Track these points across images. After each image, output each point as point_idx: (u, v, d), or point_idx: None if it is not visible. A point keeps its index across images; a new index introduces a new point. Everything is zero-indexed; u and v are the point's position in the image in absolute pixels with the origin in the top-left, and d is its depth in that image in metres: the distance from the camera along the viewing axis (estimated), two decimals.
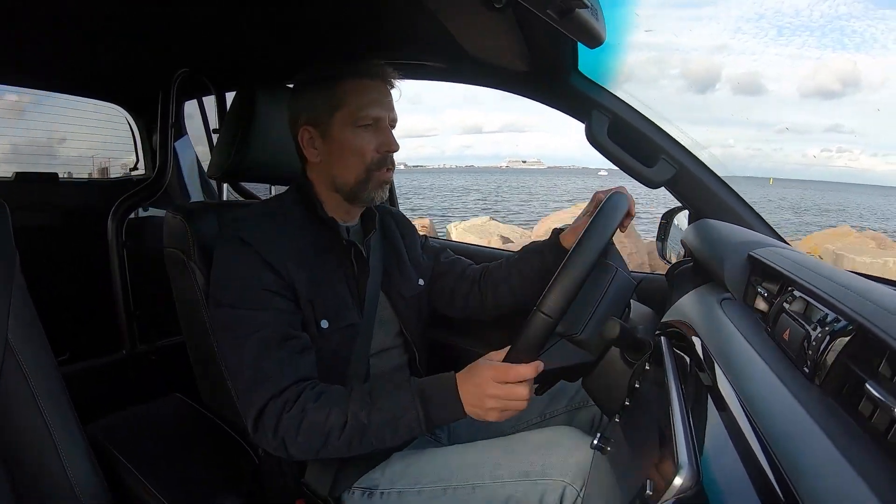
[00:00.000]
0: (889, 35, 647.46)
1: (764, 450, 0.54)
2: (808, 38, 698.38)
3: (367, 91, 1.21)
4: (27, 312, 1.02)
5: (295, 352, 1.08)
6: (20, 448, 0.97)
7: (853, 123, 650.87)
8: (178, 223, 1.31)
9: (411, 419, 1.00)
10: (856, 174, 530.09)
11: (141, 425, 1.43)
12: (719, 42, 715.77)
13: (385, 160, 1.23)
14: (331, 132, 1.21)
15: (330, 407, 1.01)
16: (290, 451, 1.04)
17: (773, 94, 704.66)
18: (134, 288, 2.11)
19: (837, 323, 0.62)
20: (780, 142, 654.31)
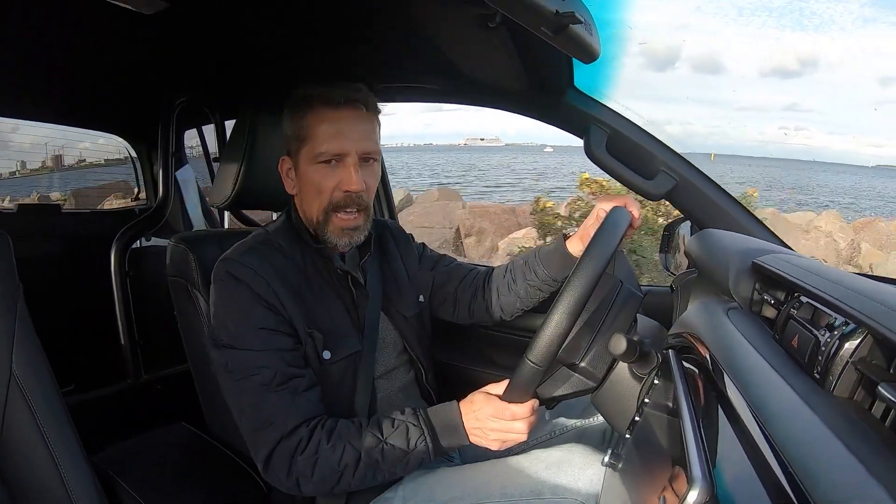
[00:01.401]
0: (847, 17, 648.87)
1: (777, 458, 0.53)
2: (767, 19, 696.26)
3: (332, 121, 1.13)
4: (31, 344, 1.02)
5: (298, 391, 1.07)
6: (26, 478, 0.97)
7: (811, 102, 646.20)
8: (181, 252, 1.32)
9: (421, 452, 1.05)
10: (812, 151, 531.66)
11: (147, 455, 1.42)
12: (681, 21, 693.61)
13: (346, 201, 1.15)
14: (299, 165, 1.18)
15: (343, 446, 1.03)
16: (304, 490, 1.05)
17: (733, 73, 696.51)
18: (138, 317, 2.11)
19: (846, 327, 0.61)
20: (739, 119, 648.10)
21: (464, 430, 1.07)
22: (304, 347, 1.13)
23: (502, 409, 1.02)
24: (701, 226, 1.40)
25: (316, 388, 1.11)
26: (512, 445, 1.07)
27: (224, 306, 1.12)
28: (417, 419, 1.07)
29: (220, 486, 1.29)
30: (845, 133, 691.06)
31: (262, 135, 1.40)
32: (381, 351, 1.28)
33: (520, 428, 1.03)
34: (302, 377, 1.09)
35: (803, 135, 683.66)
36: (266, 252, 1.17)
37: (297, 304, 1.13)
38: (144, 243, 2.27)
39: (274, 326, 1.09)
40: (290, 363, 1.09)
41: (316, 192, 1.15)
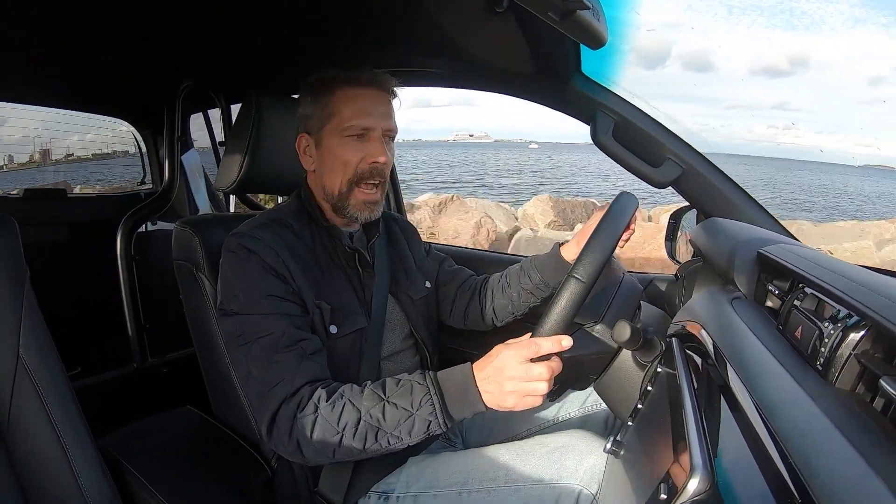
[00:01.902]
0: (837, 17, 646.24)
1: (778, 449, 0.53)
2: (757, 18, 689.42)
3: (358, 100, 1.19)
4: (38, 328, 1.02)
5: (305, 353, 1.07)
6: (33, 462, 0.98)
7: (800, 102, 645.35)
8: (187, 236, 1.32)
9: (427, 413, 0.97)
10: (801, 151, 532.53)
11: (153, 438, 1.43)
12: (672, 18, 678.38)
13: (371, 173, 1.21)
14: (322, 141, 1.21)
15: (343, 404, 1.00)
16: (306, 454, 1.02)
17: (723, 72, 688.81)
18: (144, 301, 2.12)
19: (850, 319, 0.61)
20: (728, 118, 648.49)
21: (476, 391, 0.97)
22: (312, 318, 1.14)
23: (526, 344, 0.94)
24: (707, 215, 1.40)
25: (323, 354, 1.11)
26: (531, 404, 0.95)
27: (234, 275, 1.13)
28: (424, 378, 1.01)
29: (225, 468, 1.30)
30: (835, 132, 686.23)
31: (268, 118, 1.39)
32: (387, 333, 1.30)
33: (541, 373, 0.93)
34: (309, 340, 1.09)
35: (792, 134, 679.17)
36: (277, 228, 1.19)
37: (306, 277, 1.15)
38: (150, 227, 2.28)
39: (283, 294, 1.10)
40: (299, 327, 1.10)
41: (341, 165, 1.20)
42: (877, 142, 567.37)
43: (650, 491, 0.68)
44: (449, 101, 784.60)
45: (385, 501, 1.16)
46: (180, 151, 2.27)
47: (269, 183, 1.50)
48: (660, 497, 0.62)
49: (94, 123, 2.64)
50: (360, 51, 1.60)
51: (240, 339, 1.09)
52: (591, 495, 1.00)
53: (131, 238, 2.09)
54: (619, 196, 1.13)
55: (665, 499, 0.61)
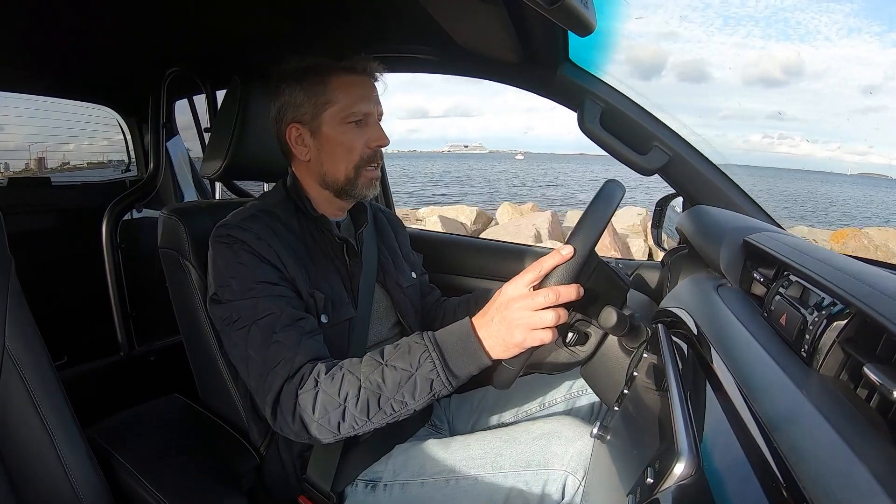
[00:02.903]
0: (832, 27, 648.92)
1: (763, 434, 0.54)
2: (752, 28, 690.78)
3: (356, 87, 1.20)
4: (24, 317, 1.01)
5: (304, 332, 1.06)
6: (21, 453, 0.97)
7: (795, 111, 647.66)
8: (172, 223, 1.31)
9: (427, 371, 0.94)
10: (796, 160, 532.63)
11: (141, 426, 1.43)
12: (667, 30, 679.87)
13: (375, 155, 1.23)
14: (320, 129, 1.20)
15: (343, 375, 0.98)
16: (312, 432, 1.00)
17: (718, 82, 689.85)
18: (130, 289, 2.10)
19: (834, 307, 0.62)
20: (723, 128, 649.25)
21: (475, 341, 0.94)
22: (306, 306, 1.14)
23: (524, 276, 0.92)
24: (693, 202, 1.41)
25: (321, 334, 1.11)
26: (542, 339, 0.90)
27: (226, 266, 1.12)
28: (422, 337, 0.98)
29: (214, 456, 1.30)
30: (829, 141, 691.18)
31: (254, 105, 1.38)
32: (375, 321, 1.30)
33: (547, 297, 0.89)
34: (307, 319, 1.09)
35: (787, 143, 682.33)
36: (265, 219, 1.18)
37: (298, 266, 1.15)
38: (136, 215, 2.26)
39: (276, 280, 1.10)
40: (296, 307, 1.09)
41: (346, 151, 1.21)
42: (871, 150, 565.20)
43: (637, 475, 0.69)
44: (445, 112, 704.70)
45: (372, 490, 1.16)
46: (165, 138, 2.24)
47: (255, 170, 1.49)
48: (646, 481, 0.63)
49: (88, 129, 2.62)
50: (347, 36, 1.59)
51: (236, 323, 1.08)
52: (577, 481, 1.01)
53: (117, 226, 2.07)
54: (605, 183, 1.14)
55: (651, 483, 0.61)
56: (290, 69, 1.21)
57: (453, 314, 1.46)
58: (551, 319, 0.89)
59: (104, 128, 2.63)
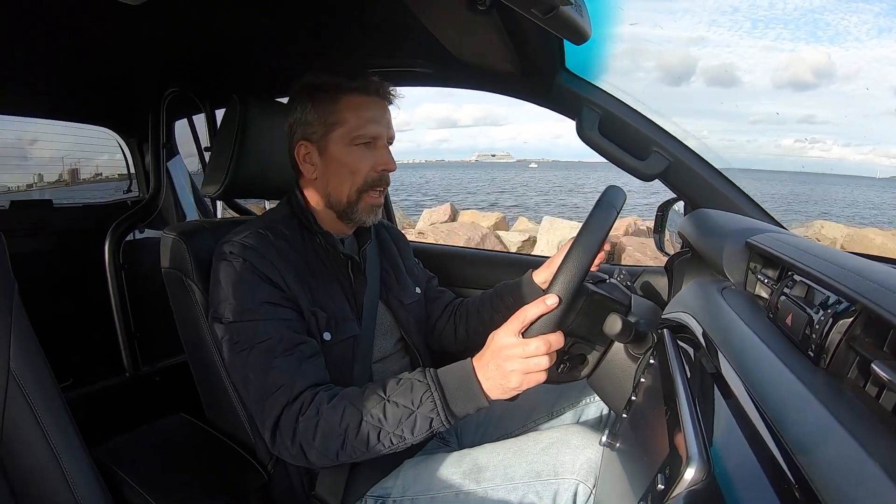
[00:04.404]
0: (862, 27, 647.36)
1: (773, 436, 0.53)
2: (781, 31, 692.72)
3: (366, 108, 1.20)
4: (29, 340, 1.01)
5: (304, 357, 1.07)
6: (27, 475, 0.97)
7: (826, 114, 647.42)
8: (175, 243, 1.31)
9: (428, 410, 0.96)
10: (829, 164, 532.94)
11: (147, 446, 1.42)
12: (696, 34, 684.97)
13: (380, 179, 1.23)
14: (328, 149, 1.20)
15: (345, 406, 0.99)
16: (310, 458, 1.02)
17: (748, 86, 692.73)
18: (134, 310, 2.11)
19: (840, 305, 0.62)
20: (754, 133, 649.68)
21: (476, 383, 0.96)
22: (308, 325, 1.14)
23: (511, 324, 0.94)
24: (694, 206, 1.41)
25: (321, 357, 1.11)
26: (536, 381, 0.93)
27: (228, 283, 1.12)
28: (424, 375, 0.99)
29: (221, 475, 1.29)
30: (861, 144, 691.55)
31: (253, 122, 1.39)
32: (379, 337, 1.30)
33: (538, 346, 0.92)
34: (307, 343, 1.09)
35: (819, 147, 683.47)
36: (268, 236, 1.18)
37: (300, 284, 1.15)
38: (138, 236, 2.26)
39: (278, 300, 1.10)
40: (296, 331, 1.09)
41: (350, 173, 1.21)
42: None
43: (647, 482, 0.68)
44: (475, 121, 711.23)
45: None
46: (166, 158, 2.25)
47: (256, 187, 1.49)
48: (657, 487, 0.62)
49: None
50: (345, 53, 1.60)
51: (237, 345, 1.08)
52: (588, 489, 1.01)
53: (119, 246, 2.08)
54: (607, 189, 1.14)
55: (662, 489, 0.61)
56: (303, 85, 1.22)
57: (477, 314, 1.47)
58: (545, 364, 0.92)
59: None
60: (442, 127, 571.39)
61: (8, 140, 2.52)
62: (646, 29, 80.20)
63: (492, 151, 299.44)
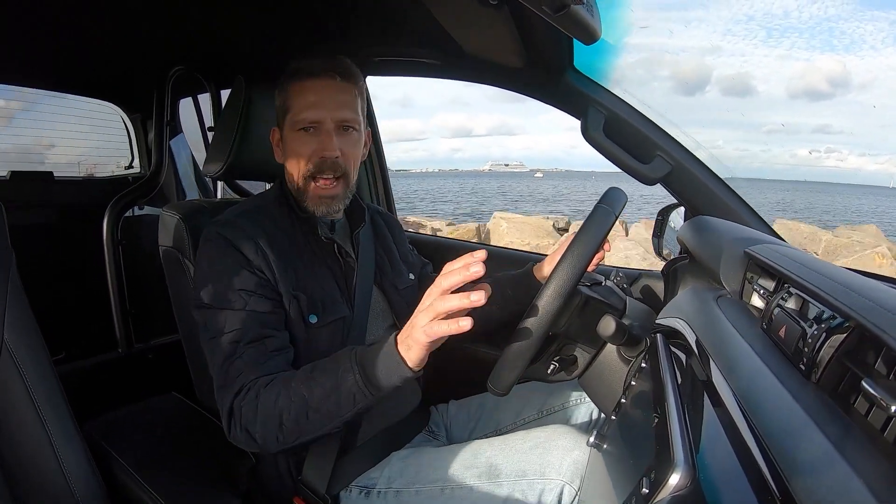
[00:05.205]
0: (877, 36, 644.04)
1: (760, 447, 0.54)
2: (797, 40, 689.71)
3: (307, 92, 1.17)
4: (23, 312, 1.02)
5: (266, 351, 1.07)
6: (17, 447, 0.97)
7: (842, 124, 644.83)
8: (174, 222, 1.31)
9: (351, 384, 0.95)
10: (845, 174, 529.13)
11: (137, 424, 1.43)
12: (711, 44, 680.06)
13: (321, 167, 1.18)
14: (284, 135, 1.22)
15: (279, 389, 1.00)
16: (258, 441, 1.02)
17: (762, 96, 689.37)
18: (130, 287, 2.11)
19: (833, 320, 0.62)
20: (769, 143, 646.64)
21: (395, 350, 0.92)
22: (288, 310, 1.14)
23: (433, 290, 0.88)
24: (695, 212, 1.41)
25: (286, 351, 1.11)
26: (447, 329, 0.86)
27: (209, 267, 1.13)
28: (350, 351, 0.98)
29: (209, 455, 1.30)
30: (878, 154, 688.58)
31: (257, 105, 1.39)
32: (371, 322, 1.29)
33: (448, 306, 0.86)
34: (273, 338, 1.09)
35: (835, 157, 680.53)
36: (257, 217, 1.19)
37: (284, 267, 1.15)
38: (137, 212, 2.26)
39: (254, 289, 1.10)
40: (265, 324, 1.09)
41: (296, 159, 1.20)
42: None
43: (632, 485, 0.69)
44: (489, 131, 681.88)
45: (366, 496, 1.16)
46: (169, 136, 2.25)
47: (257, 169, 1.49)
48: (642, 491, 0.63)
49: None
50: (350, 39, 1.60)
51: (207, 332, 1.10)
52: (574, 490, 1.01)
53: (118, 222, 2.08)
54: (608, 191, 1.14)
55: (647, 493, 0.61)
56: (283, 74, 1.22)
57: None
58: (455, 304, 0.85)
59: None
60: (456, 136, 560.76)
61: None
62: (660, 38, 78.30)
63: (505, 161, 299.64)
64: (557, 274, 0.98)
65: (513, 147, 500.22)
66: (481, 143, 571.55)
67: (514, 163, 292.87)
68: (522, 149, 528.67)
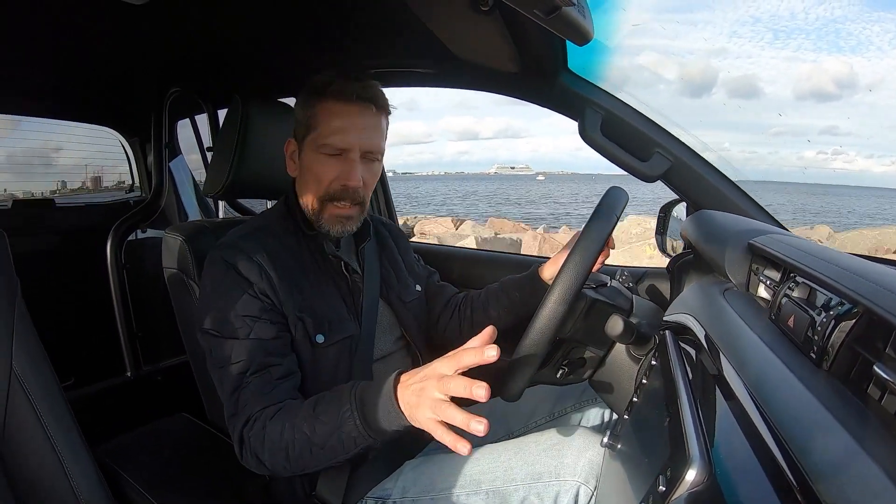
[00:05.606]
0: (884, 37, 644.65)
1: (775, 438, 0.53)
2: (803, 41, 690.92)
3: (340, 116, 1.15)
4: (31, 339, 1.02)
5: (272, 379, 1.07)
6: (29, 474, 0.97)
7: (849, 125, 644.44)
8: (177, 243, 1.32)
9: (351, 428, 0.94)
10: (852, 176, 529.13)
11: (149, 446, 1.42)
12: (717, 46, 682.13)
13: (342, 194, 1.18)
14: (304, 151, 1.20)
15: (283, 422, 1.01)
16: (268, 468, 1.05)
17: (769, 97, 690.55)
18: (136, 309, 2.11)
19: (842, 307, 0.61)
20: (776, 145, 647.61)
21: (395, 404, 0.89)
22: (294, 332, 1.14)
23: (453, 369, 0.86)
24: (697, 207, 1.40)
25: (292, 377, 1.11)
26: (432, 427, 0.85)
27: (213, 291, 1.14)
28: (350, 391, 0.97)
29: (222, 475, 1.30)
30: (884, 156, 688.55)
31: (255, 123, 1.39)
32: (379, 336, 1.29)
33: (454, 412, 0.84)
34: (279, 366, 1.09)
35: (842, 159, 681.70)
36: (261, 237, 1.19)
37: (289, 288, 1.14)
38: (140, 235, 2.27)
39: (258, 314, 1.10)
40: (270, 352, 1.09)
41: (315, 181, 1.18)
42: None
43: (649, 483, 0.68)
44: (495, 134, 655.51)
45: None
46: (168, 158, 2.26)
47: (257, 187, 1.50)
48: (658, 489, 0.62)
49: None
50: (346, 54, 1.60)
51: (215, 361, 1.11)
52: (590, 491, 1.00)
53: (121, 246, 2.08)
54: (609, 190, 1.14)
55: (664, 490, 0.61)
56: (308, 82, 1.20)
57: (483, 310, 1.46)
58: (459, 420, 0.83)
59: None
60: (463, 139, 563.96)
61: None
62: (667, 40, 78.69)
63: (511, 164, 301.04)
64: (562, 278, 0.98)
65: (521, 150, 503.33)
66: (489, 146, 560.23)
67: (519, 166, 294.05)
68: (529, 151, 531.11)
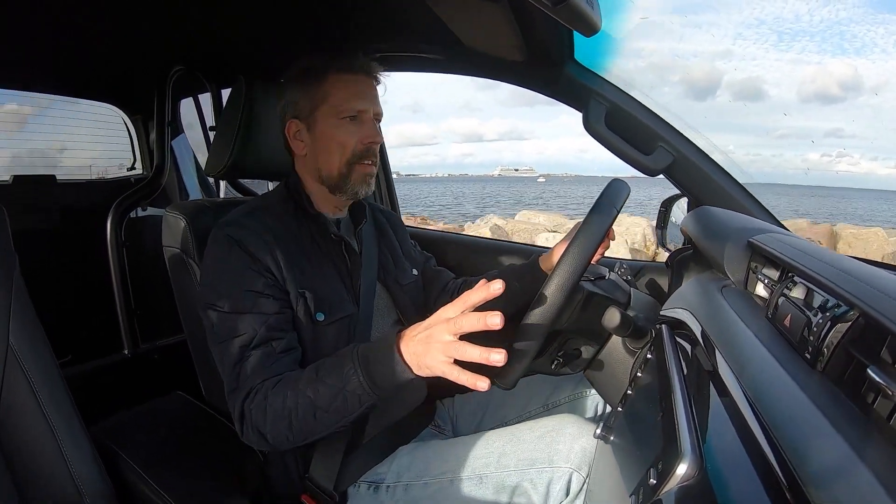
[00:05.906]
0: (889, 39, 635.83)
1: (766, 437, 0.54)
2: (807, 44, 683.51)
3: (350, 84, 1.22)
4: (28, 315, 1.02)
5: (274, 353, 1.08)
6: (25, 451, 0.97)
7: (853, 128, 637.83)
8: (177, 222, 1.31)
9: (355, 386, 0.96)
10: (856, 178, 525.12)
11: (145, 425, 1.43)
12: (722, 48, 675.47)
13: (367, 152, 1.24)
14: (315, 125, 1.22)
15: (286, 389, 1.01)
16: (270, 442, 1.05)
17: (774, 100, 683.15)
18: (134, 287, 2.11)
19: (838, 309, 0.62)
20: (780, 147, 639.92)
21: (399, 357, 0.92)
22: (296, 308, 1.15)
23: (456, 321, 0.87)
24: (698, 203, 1.40)
25: (294, 352, 1.12)
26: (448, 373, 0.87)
27: (216, 267, 1.14)
28: (352, 351, 0.99)
29: (217, 454, 1.30)
30: (889, 158, 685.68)
31: (258, 103, 1.39)
32: (376, 319, 1.30)
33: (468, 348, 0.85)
34: (281, 339, 1.10)
35: (846, 161, 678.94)
36: (262, 216, 1.20)
37: (291, 266, 1.15)
38: (140, 213, 2.26)
39: (261, 289, 1.11)
40: (272, 326, 1.10)
41: (339, 147, 1.22)
42: None
43: (640, 475, 0.69)
44: (500, 136, 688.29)
45: (375, 491, 1.16)
46: (171, 136, 2.25)
47: (259, 168, 1.49)
48: (649, 481, 0.63)
49: None
50: (352, 36, 1.59)
51: (217, 336, 1.11)
52: (582, 478, 1.01)
53: (121, 224, 2.08)
54: (610, 182, 1.14)
55: (654, 483, 0.61)
56: (292, 73, 1.25)
57: None
58: (475, 354, 0.85)
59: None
60: (467, 141, 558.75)
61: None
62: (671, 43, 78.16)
63: (515, 166, 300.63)
64: (561, 268, 0.98)
65: (526, 152, 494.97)
66: (493, 148, 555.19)
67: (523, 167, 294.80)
68: (534, 153, 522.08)
